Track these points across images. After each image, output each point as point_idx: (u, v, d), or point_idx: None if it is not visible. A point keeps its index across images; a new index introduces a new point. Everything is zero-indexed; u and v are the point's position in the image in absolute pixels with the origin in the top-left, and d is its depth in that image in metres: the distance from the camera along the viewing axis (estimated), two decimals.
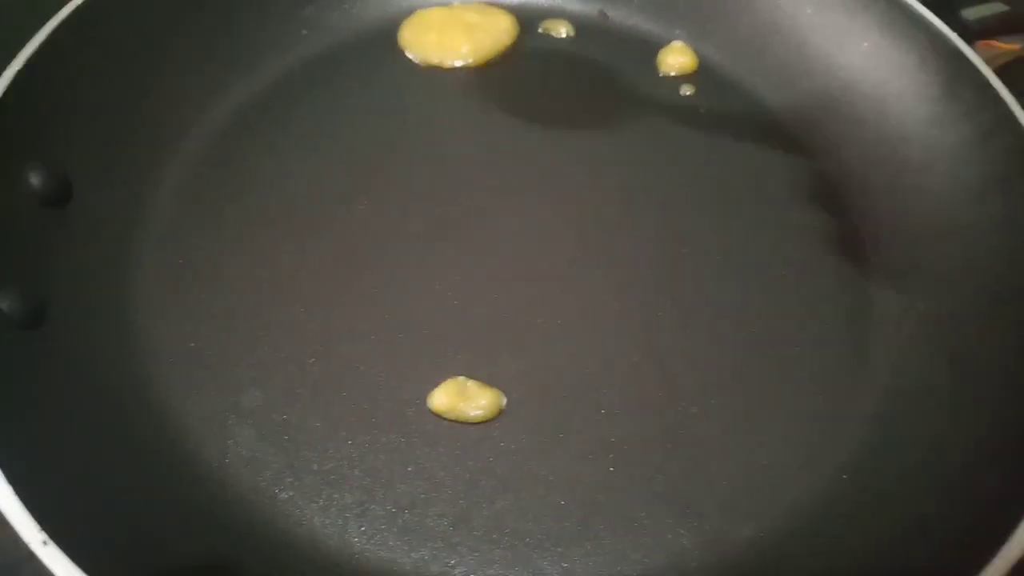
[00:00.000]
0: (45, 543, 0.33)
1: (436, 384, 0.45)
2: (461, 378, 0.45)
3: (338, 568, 0.40)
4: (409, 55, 0.59)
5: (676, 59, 0.60)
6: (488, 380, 0.45)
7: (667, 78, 0.60)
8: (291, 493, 0.42)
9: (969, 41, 0.51)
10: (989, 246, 0.47)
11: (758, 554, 0.41)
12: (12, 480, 0.34)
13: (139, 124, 0.51)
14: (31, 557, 0.33)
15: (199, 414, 0.44)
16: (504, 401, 0.44)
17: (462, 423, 0.44)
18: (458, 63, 0.59)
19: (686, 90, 0.59)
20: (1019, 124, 0.47)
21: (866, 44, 0.56)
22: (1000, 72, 0.49)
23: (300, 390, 0.45)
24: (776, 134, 0.57)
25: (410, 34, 0.60)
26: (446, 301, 0.48)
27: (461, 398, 0.44)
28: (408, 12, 0.61)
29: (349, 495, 0.42)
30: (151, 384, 0.44)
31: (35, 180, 0.45)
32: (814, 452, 0.44)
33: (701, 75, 0.60)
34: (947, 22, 0.52)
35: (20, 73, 0.45)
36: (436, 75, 0.59)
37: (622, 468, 0.43)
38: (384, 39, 0.60)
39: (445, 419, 0.44)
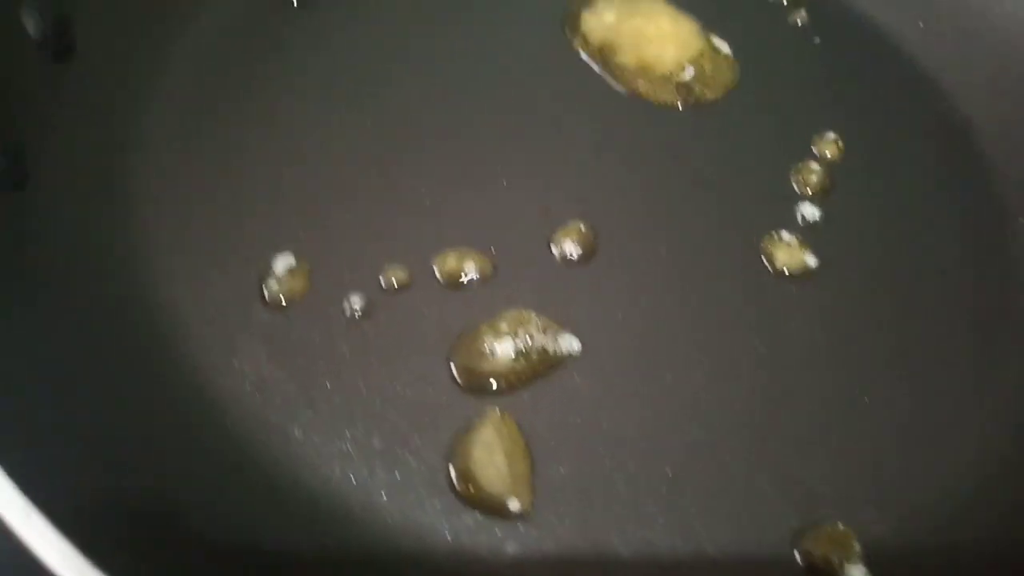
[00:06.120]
0: None
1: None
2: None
3: (368, 527, 0.32)
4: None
5: None
6: (560, 319, 0.37)
7: (780, 5, 0.51)
8: (305, 431, 0.34)
9: None
10: None
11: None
12: None
13: None
14: None
15: (201, 321, 0.35)
16: (577, 345, 0.36)
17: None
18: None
19: (799, 18, 0.50)
20: None
21: None
22: None
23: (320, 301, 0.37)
24: (899, 65, 0.50)
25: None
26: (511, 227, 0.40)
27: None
28: None
29: (378, 439, 0.34)
30: (148, 278, 0.36)
31: (30, 21, 0.36)
32: (943, 453, 0.37)
33: (816, 2, 0.51)
34: None
35: None
36: None
37: (712, 435, 0.35)
38: None
39: None
